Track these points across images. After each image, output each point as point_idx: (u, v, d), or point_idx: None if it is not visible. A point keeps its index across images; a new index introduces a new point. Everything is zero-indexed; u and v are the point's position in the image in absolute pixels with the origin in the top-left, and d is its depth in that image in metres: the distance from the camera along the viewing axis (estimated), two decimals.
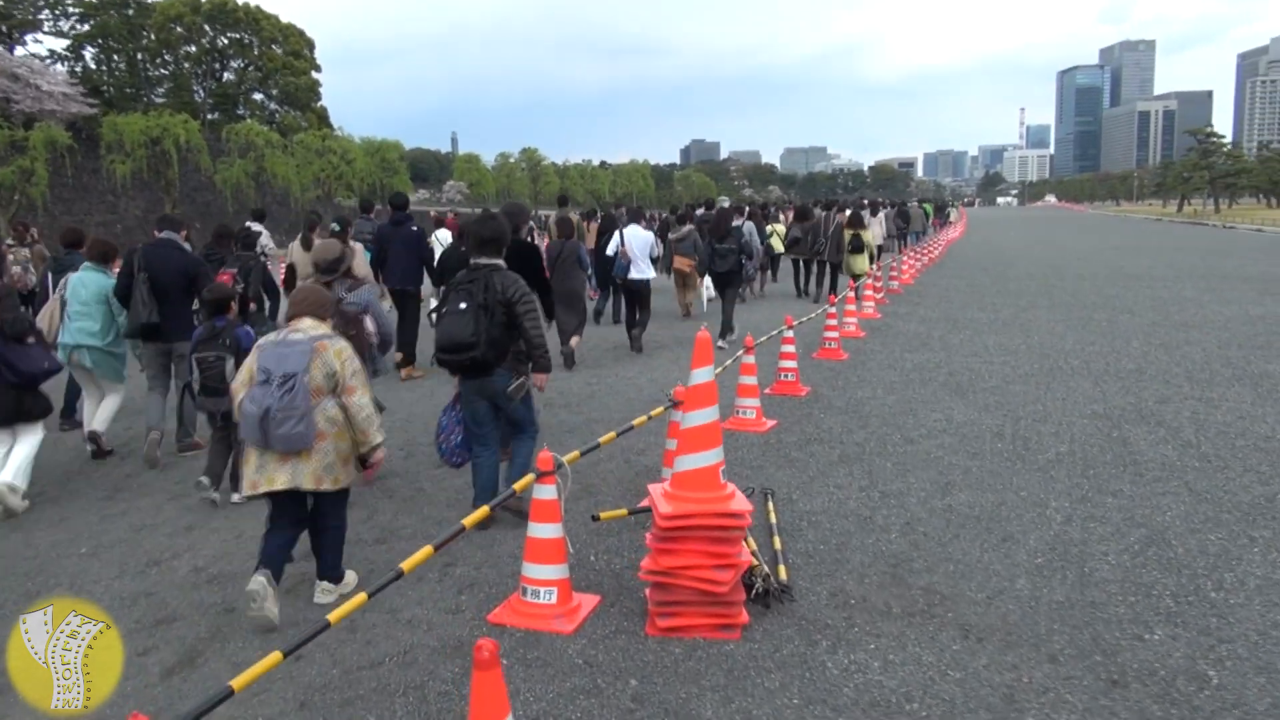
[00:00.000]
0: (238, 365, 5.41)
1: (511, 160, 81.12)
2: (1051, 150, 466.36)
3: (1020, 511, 5.50)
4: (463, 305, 5.02)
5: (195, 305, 7.17)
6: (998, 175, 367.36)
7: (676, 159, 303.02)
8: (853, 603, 4.31)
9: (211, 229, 10.72)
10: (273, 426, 4.08)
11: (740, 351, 7.74)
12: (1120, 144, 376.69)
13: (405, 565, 3.18)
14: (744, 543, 4.11)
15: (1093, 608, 4.20)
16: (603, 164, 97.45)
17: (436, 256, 10.90)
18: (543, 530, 4.15)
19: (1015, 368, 10.09)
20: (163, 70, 59.94)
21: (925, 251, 26.01)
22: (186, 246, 7.65)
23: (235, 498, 5.87)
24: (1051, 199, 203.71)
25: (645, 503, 5.66)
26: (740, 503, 4.00)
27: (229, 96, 61.78)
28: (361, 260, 9.60)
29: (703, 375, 4.06)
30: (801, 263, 17.58)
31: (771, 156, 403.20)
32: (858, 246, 15.97)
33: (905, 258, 22.30)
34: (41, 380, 6.03)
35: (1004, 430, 7.38)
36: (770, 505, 5.49)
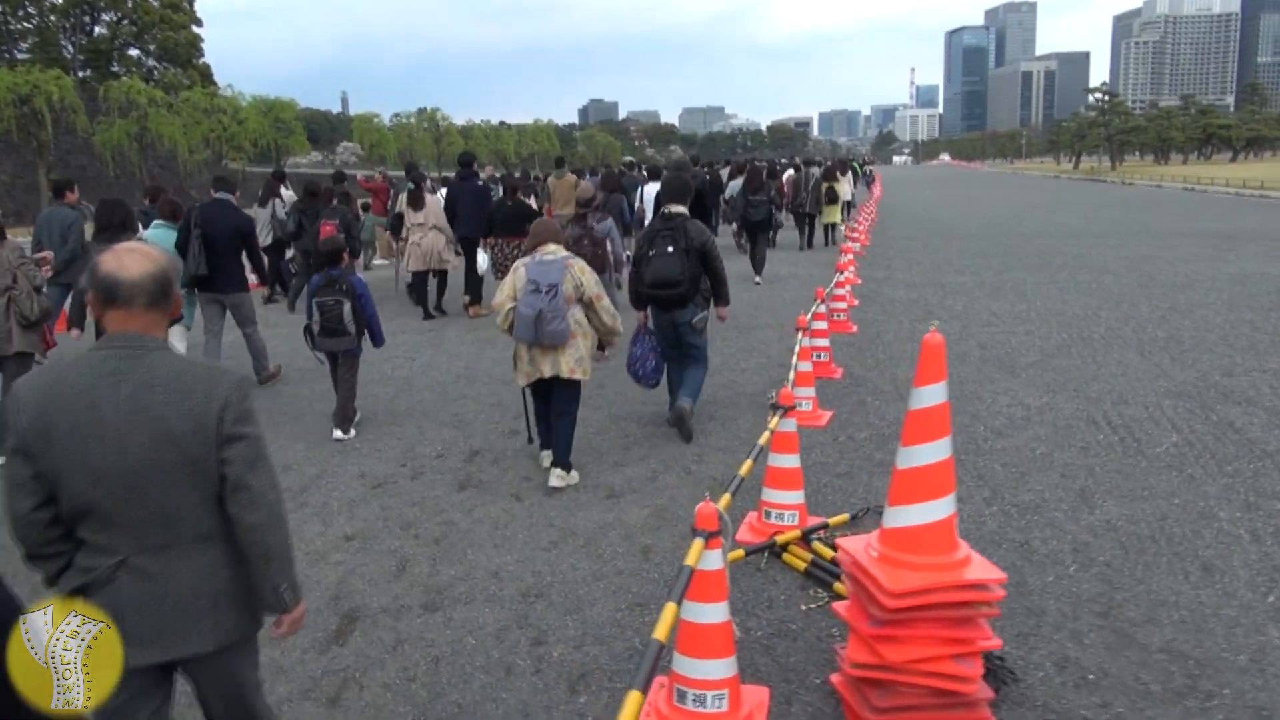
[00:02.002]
0: (353, 309, 6.28)
1: (410, 120, 77.42)
2: (940, 109, 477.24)
3: (1194, 527, 4.62)
4: (670, 249, 5.97)
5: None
6: (890, 134, 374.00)
7: (575, 119, 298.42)
8: (1092, 678, 3.32)
9: (146, 191, 12.13)
10: (544, 324, 5.12)
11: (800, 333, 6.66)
12: (1005, 103, 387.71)
13: None
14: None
15: None
16: (502, 124, 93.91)
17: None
18: (707, 613, 2.98)
19: (1045, 338, 9.31)
20: (26, 24, 54.86)
21: (868, 211, 25.41)
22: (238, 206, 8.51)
23: (338, 434, 6.45)
24: (946, 157, 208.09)
25: (746, 533, 4.59)
26: (984, 568, 2.94)
27: (102, 52, 56.90)
28: (438, 208, 11.37)
29: (934, 395, 2.95)
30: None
31: (670, 116, 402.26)
32: (832, 198, 17.71)
33: (859, 216, 21.61)
34: None
35: (1094, 417, 6.53)
36: None
